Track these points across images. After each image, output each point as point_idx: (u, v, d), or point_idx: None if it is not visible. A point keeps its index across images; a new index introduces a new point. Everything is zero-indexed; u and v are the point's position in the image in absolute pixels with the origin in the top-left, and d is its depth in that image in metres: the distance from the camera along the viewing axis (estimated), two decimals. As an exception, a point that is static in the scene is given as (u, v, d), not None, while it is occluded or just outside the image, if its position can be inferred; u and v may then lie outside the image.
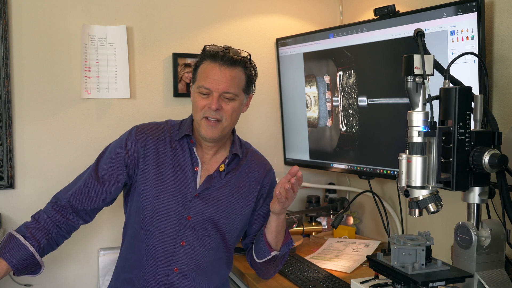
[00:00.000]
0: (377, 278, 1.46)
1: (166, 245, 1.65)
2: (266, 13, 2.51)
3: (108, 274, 2.20)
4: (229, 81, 1.62)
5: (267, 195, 1.77)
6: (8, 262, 1.50)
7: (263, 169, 1.79)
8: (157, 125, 1.75)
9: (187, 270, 1.66)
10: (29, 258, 1.54)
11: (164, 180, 1.66)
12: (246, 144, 1.84)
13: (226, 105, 1.63)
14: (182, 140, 1.71)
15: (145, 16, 2.29)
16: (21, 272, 1.55)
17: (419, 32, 1.35)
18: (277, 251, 1.69)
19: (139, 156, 1.67)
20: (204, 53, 1.67)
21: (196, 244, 1.66)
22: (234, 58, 1.63)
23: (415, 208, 1.36)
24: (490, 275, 1.37)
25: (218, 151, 1.74)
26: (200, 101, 1.63)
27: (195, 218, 1.66)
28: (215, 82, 1.61)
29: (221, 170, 1.70)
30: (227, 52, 1.63)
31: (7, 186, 2.09)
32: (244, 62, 1.67)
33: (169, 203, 1.65)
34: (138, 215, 1.68)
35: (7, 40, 2.06)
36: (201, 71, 1.65)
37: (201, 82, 1.63)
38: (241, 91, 1.67)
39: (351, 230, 2.36)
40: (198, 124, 1.65)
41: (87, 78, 2.19)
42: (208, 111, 1.61)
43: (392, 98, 1.99)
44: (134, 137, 1.69)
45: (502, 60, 1.68)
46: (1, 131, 2.08)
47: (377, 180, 2.29)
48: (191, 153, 1.70)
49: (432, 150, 1.35)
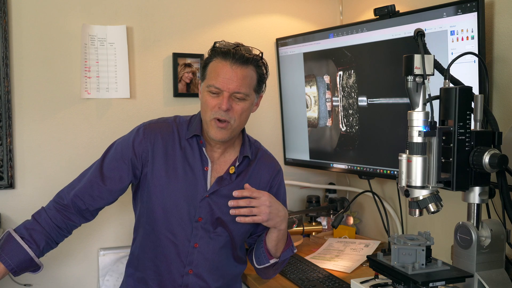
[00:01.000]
0: (377, 278, 1.45)
1: (179, 247, 1.63)
2: (266, 13, 2.51)
3: (108, 274, 2.20)
4: (241, 81, 1.55)
5: (275, 196, 1.73)
6: (6, 266, 1.50)
7: (273, 170, 1.77)
8: (166, 122, 1.70)
9: (202, 272, 1.65)
10: (27, 261, 1.54)
11: (174, 181, 1.63)
12: (256, 143, 1.79)
13: (236, 105, 1.57)
14: (191, 139, 1.66)
15: (145, 16, 2.29)
16: (20, 273, 1.55)
17: (420, 32, 1.35)
18: (276, 258, 1.68)
19: (147, 156, 1.63)
20: (214, 49, 1.60)
21: (209, 245, 1.65)
22: (247, 57, 1.56)
23: (415, 208, 1.36)
24: (490, 275, 1.37)
25: (227, 150, 1.70)
26: (210, 100, 1.57)
27: (206, 219, 1.64)
28: (226, 82, 1.54)
29: (231, 173, 1.67)
30: (239, 50, 1.57)
31: (7, 186, 2.09)
32: (257, 61, 1.59)
33: (181, 205, 1.62)
34: (149, 216, 1.65)
35: (7, 40, 2.06)
36: (211, 69, 1.58)
37: (211, 81, 1.56)
38: (252, 90, 1.60)
39: (351, 230, 2.36)
40: (207, 125, 1.60)
41: (87, 78, 2.19)
42: (218, 112, 1.56)
43: (392, 98, 1.99)
44: (142, 136, 1.65)
45: (502, 60, 1.68)
46: (1, 131, 2.08)
47: (377, 180, 2.29)
48: (201, 153, 1.66)
49: (432, 150, 1.35)
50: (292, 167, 2.58)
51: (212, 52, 1.61)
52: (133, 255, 1.74)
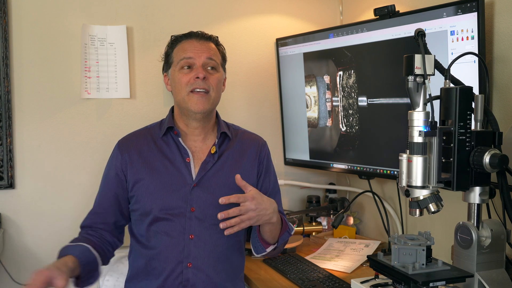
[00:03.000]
0: (378, 278, 1.45)
1: (174, 242, 1.62)
2: (266, 13, 2.51)
3: (108, 274, 2.20)
4: (210, 50, 1.65)
5: (265, 172, 1.75)
6: (72, 254, 1.49)
7: (257, 143, 1.77)
8: (137, 132, 1.77)
9: (201, 264, 1.63)
10: (92, 259, 1.55)
11: (157, 179, 1.64)
12: (234, 126, 1.81)
13: (211, 76, 1.63)
14: (165, 136, 1.69)
15: (145, 16, 2.29)
16: (85, 277, 1.52)
17: (420, 32, 1.35)
18: (274, 244, 1.67)
19: (126, 166, 1.67)
20: (175, 38, 1.71)
21: (205, 235, 1.63)
22: (207, 34, 1.70)
23: (415, 208, 1.36)
24: (491, 275, 1.37)
25: (207, 136, 1.71)
26: (184, 77, 1.62)
27: (199, 208, 1.63)
28: (197, 52, 1.62)
29: (213, 153, 1.67)
30: (198, 31, 1.70)
31: (7, 186, 2.09)
32: (216, 40, 1.72)
33: (169, 200, 1.63)
34: (141, 221, 1.66)
35: (7, 40, 2.06)
36: (177, 50, 1.67)
37: (182, 55, 1.63)
38: (220, 64, 1.69)
39: (351, 230, 2.36)
40: (185, 102, 1.62)
41: (87, 78, 2.19)
42: (195, 83, 1.60)
43: (392, 98, 1.99)
44: (118, 151, 1.70)
45: (502, 60, 1.68)
46: (1, 131, 2.08)
47: (377, 180, 2.29)
48: (178, 145, 1.67)
49: (433, 150, 1.35)
50: (292, 167, 2.58)
51: (173, 41, 1.71)
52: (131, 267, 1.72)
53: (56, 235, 2.15)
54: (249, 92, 2.50)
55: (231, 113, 2.40)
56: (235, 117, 2.36)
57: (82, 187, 2.19)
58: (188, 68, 1.61)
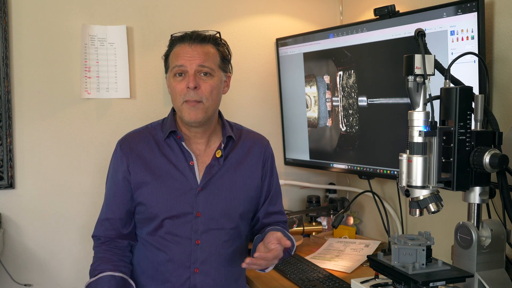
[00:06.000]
0: (378, 278, 1.45)
1: (181, 248, 1.61)
2: (266, 13, 2.51)
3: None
4: (202, 56, 1.57)
5: (270, 174, 1.74)
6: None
7: (261, 143, 1.76)
8: (137, 132, 1.71)
9: (208, 268, 1.62)
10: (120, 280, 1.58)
11: (162, 183, 1.62)
12: (237, 125, 1.79)
13: (204, 83, 1.57)
14: (168, 139, 1.66)
15: (145, 16, 2.29)
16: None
17: (420, 32, 1.35)
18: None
19: (130, 168, 1.64)
20: (171, 40, 1.65)
21: (211, 240, 1.62)
22: (203, 35, 1.61)
23: (415, 208, 1.36)
24: (491, 275, 1.37)
25: (211, 139, 1.69)
26: (177, 85, 1.58)
27: (205, 213, 1.62)
28: (188, 59, 1.56)
29: (218, 157, 1.65)
30: (195, 32, 1.62)
31: (7, 186, 2.09)
32: (214, 39, 1.64)
33: (174, 206, 1.61)
34: (146, 226, 1.64)
35: (7, 40, 2.06)
36: (172, 55, 1.62)
37: (174, 63, 1.59)
38: (217, 67, 1.61)
39: (351, 230, 2.36)
40: (180, 111, 1.60)
41: (87, 78, 2.19)
42: (187, 94, 1.56)
43: (392, 98, 1.99)
44: (120, 152, 1.66)
45: (502, 60, 1.68)
46: (1, 131, 2.08)
47: (377, 180, 2.29)
48: (182, 149, 1.65)
49: (433, 150, 1.35)
50: (292, 167, 2.58)
51: (170, 43, 1.65)
52: (135, 265, 1.71)
53: (56, 235, 2.16)
54: (249, 92, 2.50)
55: (231, 113, 2.40)
56: (235, 117, 2.35)
57: (82, 187, 2.19)
58: (180, 75, 1.58)
